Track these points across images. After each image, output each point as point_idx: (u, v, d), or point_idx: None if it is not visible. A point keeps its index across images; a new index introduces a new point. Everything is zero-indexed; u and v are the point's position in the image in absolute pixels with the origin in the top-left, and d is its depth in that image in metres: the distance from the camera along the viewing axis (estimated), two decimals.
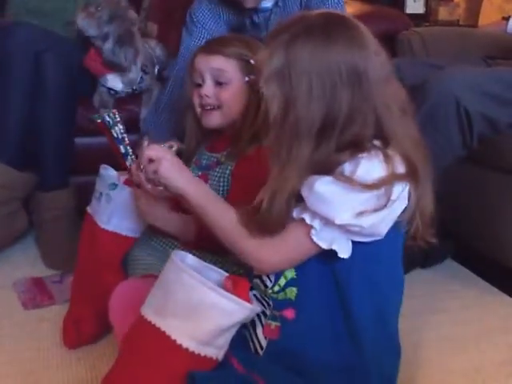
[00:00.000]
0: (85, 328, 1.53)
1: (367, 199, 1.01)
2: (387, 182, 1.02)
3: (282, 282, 1.12)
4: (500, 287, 1.87)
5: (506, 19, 2.45)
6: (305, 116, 1.04)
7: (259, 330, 1.14)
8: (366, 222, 1.01)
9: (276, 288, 1.13)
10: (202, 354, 1.04)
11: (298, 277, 1.11)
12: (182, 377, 1.02)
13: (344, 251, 1.05)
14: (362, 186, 1.00)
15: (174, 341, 1.03)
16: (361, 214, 1.00)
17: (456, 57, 2.22)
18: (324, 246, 1.04)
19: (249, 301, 1.07)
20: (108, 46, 2.01)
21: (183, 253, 1.12)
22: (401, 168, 1.05)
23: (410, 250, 1.15)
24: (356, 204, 1.01)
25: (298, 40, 1.04)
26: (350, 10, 2.56)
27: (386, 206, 1.01)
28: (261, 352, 1.13)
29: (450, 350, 1.57)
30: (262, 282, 1.15)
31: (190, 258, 1.12)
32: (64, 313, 1.59)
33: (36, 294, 1.78)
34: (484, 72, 1.88)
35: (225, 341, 1.08)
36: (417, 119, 1.71)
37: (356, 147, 1.04)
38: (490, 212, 1.91)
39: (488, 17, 3.21)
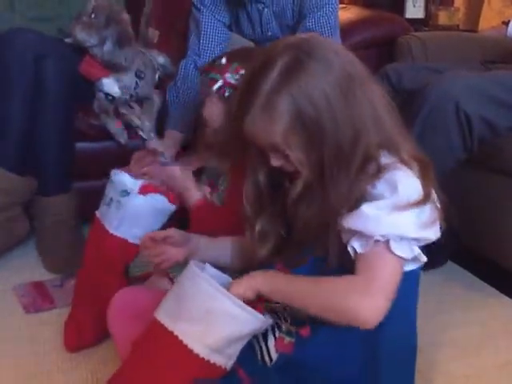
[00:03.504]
0: (86, 331, 1.53)
1: (420, 212, 1.02)
2: (429, 190, 1.04)
3: None
4: (501, 290, 1.87)
5: (506, 24, 2.46)
6: (337, 138, 1.03)
7: (271, 342, 1.14)
8: (431, 233, 1.04)
9: None
10: (212, 361, 1.05)
11: None
12: (191, 382, 1.03)
13: (423, 256, 1.06)
14: (410, 204, 1.01)
15: (186, 346, 1.04)
16: (424, 225, 1.02)
17: (456, 61, 2.23)
18: (407, 255, 1.03)
19: (262, 311, 1.08)
20: (107, 47, 2.02)
21: (201, 263, 1.14)
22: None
23: None
24: (415, 218, 1.02)
25: (293, 76, 1.02)
26: (349, 15, 2.57)
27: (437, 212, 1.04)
28: (269, 363, 1.13)
29: (452, 353, 1.57)
30: None
31: (208, 267, 1.14)
32: (65, 316, 1.59)
33: (36, 297, 1.78)
34: (484, 76, 1.89)
35: (235, 350, 1.08)
36: (417, 123, 1.74)
37: (367, 161, 1.04)
38: (491, 215, 1.91)
39: (488, 21, 3.22)
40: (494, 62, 2.22)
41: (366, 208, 1.02)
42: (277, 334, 1.13)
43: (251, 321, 1.06)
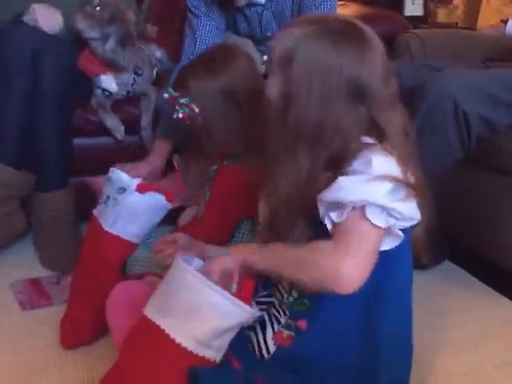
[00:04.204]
0: (82, 329, 1.53)
1: (396, 188, 1.03)
2: (408, 180, 1.04)
3: (295, 293, 1.13)
4: (498, 289, 1.87)
5: (505, 22, 2.46)
6: (303, 118, 1.06)
7: (269, 335, 1.14)
8: (405, 208, 1.03)
9: (290, 299, 1.14)
10: (201, 355, 1.05)
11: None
12: (180, 375, 1.03)
13: (399, 231, 1.06)
14: (387, 176, 1.02)
15: (173, 340, 1.04)
16: (398, 199, 1.02)
17: (455, 59, 2.22)
18: (382, 224, 1.03)
19: (250, 303, 1.08)
20: (110, 45, 2.01)
21: (189, 256, 1.14)
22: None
23: None
24: (388, 190, 1.02)
25: (312, 38, 1.06)
26: (348, 12, 2.56)
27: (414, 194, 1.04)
28: (267, 356, 1.13)
29: (449, 352, 1.57)
30: (279, 291, 1.16)
31: (196, 261, 1.14)
32: (61, 314, 1.58)
33: (33, 294, 1.78)
34: (482, 74, 1.88)
35: (223, 342, 1.09)
36: (415, 121, 1.74)
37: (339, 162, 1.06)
38: (488, 214, 1.91)
39: (487, 19, 3.22)
40: (493, 59, 2.22)
41: (342, 180, 1.03)
42: (276, 328, 1.14)
43: (239, 313, 1.06)
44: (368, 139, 1.07)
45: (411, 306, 1.19)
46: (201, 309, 1.04)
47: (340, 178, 1.03)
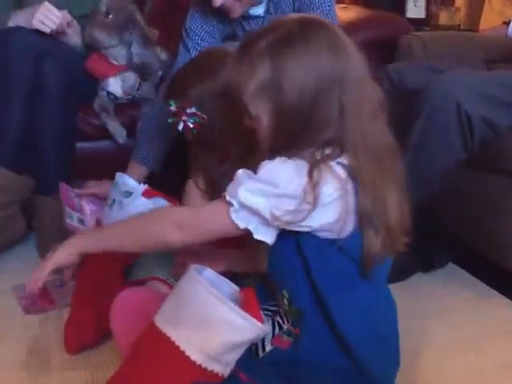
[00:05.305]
0: (86, 333, 1.53)
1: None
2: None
3: (286, 300, 1.13)
4: (499, 290, 1.87)
5: (507, 23, 2.46)
6: (289, 133, 1.05)
7: (268, 338, 1.14)
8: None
9: (286, 307, 1.14)
10: (209, 369, 1.05)
11: (291, 296, 1.12)
12: None
13: (262, 234, 1.04)
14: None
15: (183, 352, 1.04)
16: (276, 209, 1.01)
17: (457, 61, 2.22)
18: (241, 225, 1.03)
19: (261, 319, 1.08)
20: (135, 50, 2.02)
21: (201, 266, 1.13)
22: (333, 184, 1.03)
23: (402, 257, 1.15)
24: (273, 200, 1.01)
25: (282, 49, 1.03)
26: (350, 14, 2.57)
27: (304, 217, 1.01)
28: (261, 353, 1.14)
29: (450, 353, 1.57)
30: (282, 300, 1.16)
31: (208, 272, 1.13)
32: (65, 317, 1.58)
33: (36, 298, 1.78)
34: (485, 75, 1.88)
35: (232, 358, 1.08)
36: (418, 122, 1.74)
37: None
38: (490, 215, 1.90)
39: (489, 21, 3.21)
40: (495, 61, 2.22)
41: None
42: (276, 332, 1.14)
43: (250, 328, 1.06)
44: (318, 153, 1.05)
45: (390, 323, 1.18)
46: (212, 322, 1.04)
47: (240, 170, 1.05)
